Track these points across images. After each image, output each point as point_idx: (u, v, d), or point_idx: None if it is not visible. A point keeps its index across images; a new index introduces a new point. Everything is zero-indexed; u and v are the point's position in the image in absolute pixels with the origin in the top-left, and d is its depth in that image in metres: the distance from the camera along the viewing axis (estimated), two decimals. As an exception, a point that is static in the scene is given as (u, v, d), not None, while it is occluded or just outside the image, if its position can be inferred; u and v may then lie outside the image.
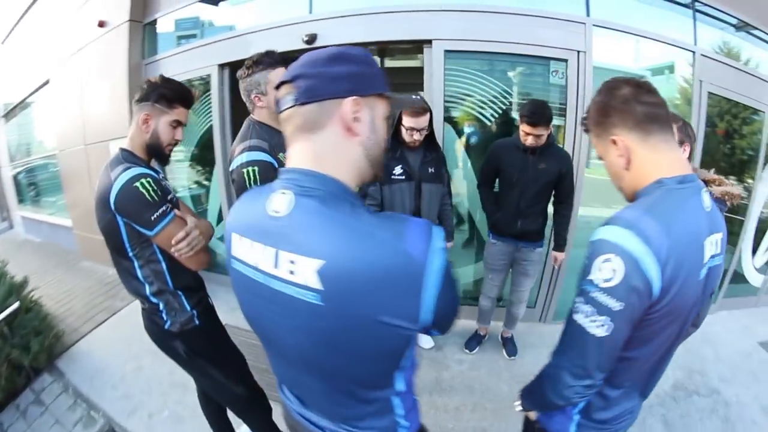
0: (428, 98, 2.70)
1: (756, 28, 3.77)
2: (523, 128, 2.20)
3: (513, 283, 2.65)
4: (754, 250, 4.10)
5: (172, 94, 1.40)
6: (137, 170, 1.26)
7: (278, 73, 1.65)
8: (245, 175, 1.37)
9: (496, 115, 3.01)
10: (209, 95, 3.55)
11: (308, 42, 2.85)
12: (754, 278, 4.12)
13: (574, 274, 0.87)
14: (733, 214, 3.72)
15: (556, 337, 0.89)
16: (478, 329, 2.94)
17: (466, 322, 3.04)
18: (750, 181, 3.87)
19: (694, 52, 3.40)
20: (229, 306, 1.65)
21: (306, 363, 0.72)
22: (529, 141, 2.21)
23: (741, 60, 3.76)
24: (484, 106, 2.95)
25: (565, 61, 2.88)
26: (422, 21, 2.66)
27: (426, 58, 2.69)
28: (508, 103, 2.98)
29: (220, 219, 3.82)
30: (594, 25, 2.91)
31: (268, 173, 1.38)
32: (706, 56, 3.42)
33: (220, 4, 3.70)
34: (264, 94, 1.56)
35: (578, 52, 2.87)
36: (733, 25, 3.77)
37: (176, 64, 3.71)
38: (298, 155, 0.69)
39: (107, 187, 1.24)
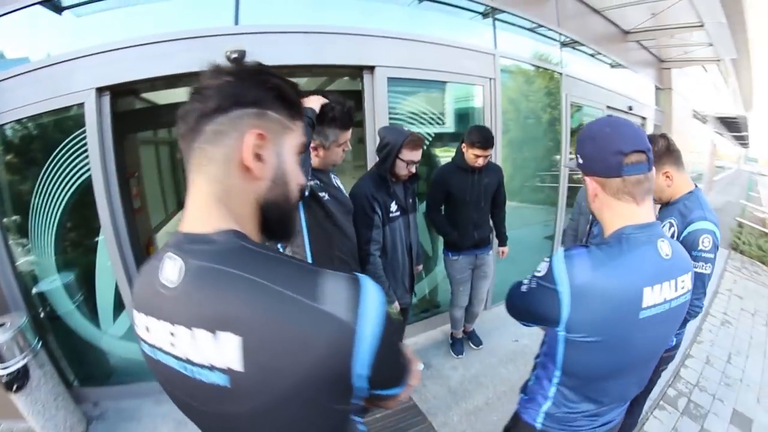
0: (373, 123, 2.71)
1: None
2: (474, 152, 2.41)
3: (474, 287, 2.94)
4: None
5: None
6: None
7: (347, 135, 1.69)
8: None
9: (432, 136, 3.23)
10: (80, 134, 2.34)
11: (234, 61, 2.43)
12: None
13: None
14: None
15: (503, 316, 1.21)
16: (455, 333, 3.19)
17: (433, 333, 3.41)
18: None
19: (561, 73, 4.16)
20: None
21: None
22: (479, 162, 2.45)
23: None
24: (421, 128, 3.10)
25: (482, 86, 3.24)
26: (364, 46, 2.59)
27: (367, 83, 2.66)
28: (442, 124, 3.23)
29: (118, 305, 2.65)
30: (501, 56, 3.35)
31: None
32: (569, 76, 4.23)
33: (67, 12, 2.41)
34: (325, 148, 1.64)
35: (490, 79, 3.26)
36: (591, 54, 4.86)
37: (15, 92, 2.26)
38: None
39: None
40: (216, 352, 0.51)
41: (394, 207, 2.11)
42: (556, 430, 1.08)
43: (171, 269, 0.55)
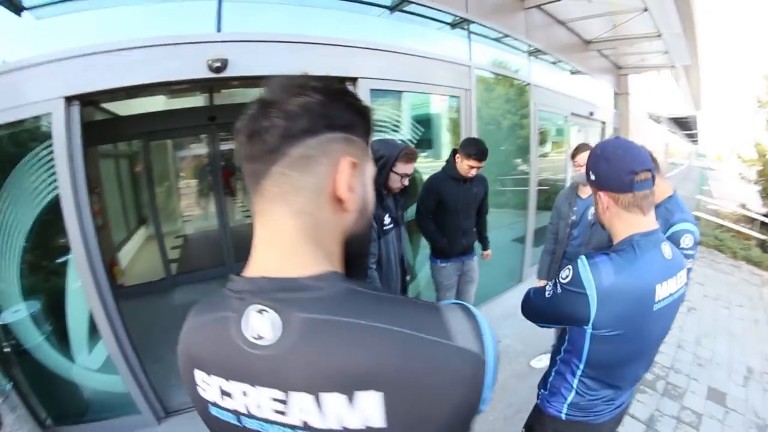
0: None
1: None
2: (470, 163, 2.50)
3: (460, 292, 3.02)
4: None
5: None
6: None
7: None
8: None
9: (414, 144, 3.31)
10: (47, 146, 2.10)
11: (217, 70, 2.28)
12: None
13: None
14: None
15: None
16: None
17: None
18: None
19: (529, 83, 4.35)
20: None
21: None
22: (473, 173, 2.55)
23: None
24: (402, 136, 3.17)
25: (458, 97, 3.34)
26: (347, 57, 2.62)
27: (350, 95, 2.70)
28: (421, 133, 3.30)
29: (92, 333, 2.35)
30: (476, 68, 3.46)
31: None
32: (536, 85, 4.44)
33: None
34: None
35: (466, 90, 3.36)
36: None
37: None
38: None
39: None
40: (351, 413, 0.44)
41: (387, 220, 2.10)
42: (579, 417, 1.20)
43: (261, 324, 0.47)
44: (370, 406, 0.44)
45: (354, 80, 2.66)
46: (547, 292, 1.15)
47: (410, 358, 0.44)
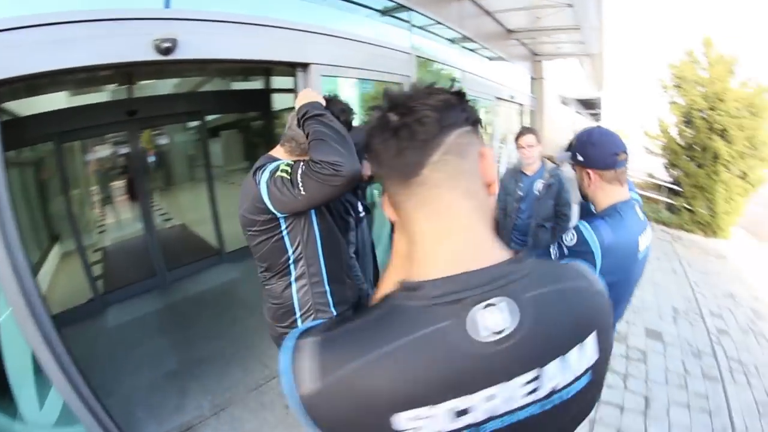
0: None
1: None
2: None
3: None
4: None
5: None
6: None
7: None
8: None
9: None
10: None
11: (166, 51, 2.04)
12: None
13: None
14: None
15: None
16: None
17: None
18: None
19: (462, 70, 4.65)
20: None
21: None
22: None
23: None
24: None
25: (400, 84, 3.50)
26: (300, 42, 2.62)
27: (300, 80, 2.72)
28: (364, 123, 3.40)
29: (40, 379, 1.83)
30: (416, 55, 3.65)
31: None
32: (466, 71, 4.75)
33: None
34: None
35: (408, 77, 3.54)
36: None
37: None
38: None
39: None
40: (581, 359, 0.51)
41: (360, 207, 2.08)
42: None
43: (495, 317, 0.47)
44: (591, 346, 0.52)
45: (306, 66, 2.69)
46: (552, 255, 1.37)
47: (599, 297, 0.56)
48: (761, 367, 3.37)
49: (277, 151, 1.54)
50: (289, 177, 1.23)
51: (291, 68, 2.71)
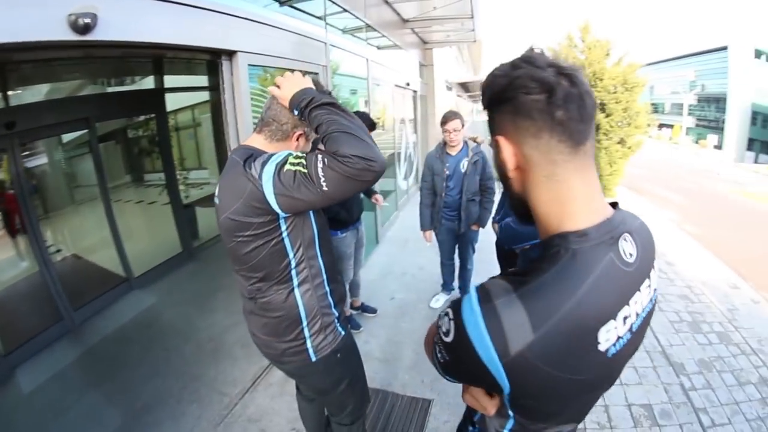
0: (233, 112, 2.61)
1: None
2: None
3: (355, 259, 3.28)
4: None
5: None
6: None
7: None
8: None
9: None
10: None
11: (84, 29, 1.66)
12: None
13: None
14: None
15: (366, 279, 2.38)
16: (346, 312, 3.52)
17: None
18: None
19: (367, 59, 4.75)
20: None
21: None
22: None
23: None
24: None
25: (317, 74, 3.47)
26: (229, 28, 2.37)
27: (225, 70, 2.52)
28: None
29: None
30: (331, 45, 3.66)
31: None
32: (371, 60, 4.86)
33: None
34: (308, 139, 1.40)
35: (323, 66, 3.53)
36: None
37: None
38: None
39: None
40: (655, 276, 0.71)
41: None
42: None
43: (629, 246, 0.64)
44: (656, 269, 0.72)
45: (232, 53, 2.50)
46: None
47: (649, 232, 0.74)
48: (667, 295, 4.10)
49: (255, 140, 1.35)
50: (306, 171, 1.07)
51: (215, 56, 2.49)
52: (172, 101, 4.95)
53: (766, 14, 29.10)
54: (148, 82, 4.58)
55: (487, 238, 3.41)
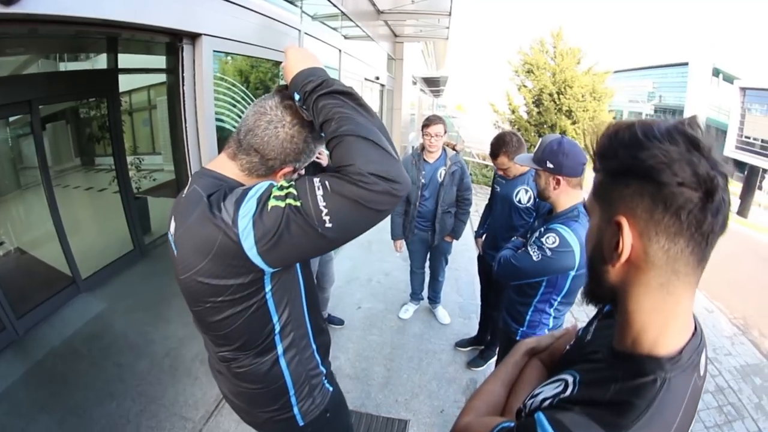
0: (193, 100, 2.36)
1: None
2: None
3: (322, 274, 3.06)
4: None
5: None
6: None
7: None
8: None
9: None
10: None
11: (6, 2, 1.32)
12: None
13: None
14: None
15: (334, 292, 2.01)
16: None
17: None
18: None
19: (341, 50, 4.55)
20: None
21: None
22: None
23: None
24: (244, 106, 2.87)
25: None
26: (188, 6, 2.10)
27: (187, 55, 2.26)
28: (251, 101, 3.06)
29: None
30: (305, 33, 3.46)
31: None
32: (344, 52, 4.67)
33: None
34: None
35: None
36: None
37: None
38: None
39: None
40: None
41: None
42: None
43: (704, 359, 0.60)
44: None
45: (194, 37, 2.25)
46: (534, 256, 1.51)
47: None
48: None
49: (226, 166, 0.98)
50: (299, 204, 0.76)
51: (176, 39, 2.22)
52: (126, 82, 4.54)
53: (726, 35, 31.72)
54: (101, 61, 4.15)
55: (459, 248, 3.32)
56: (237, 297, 0.89)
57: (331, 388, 1.23)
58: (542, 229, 1.60)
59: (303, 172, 1.08)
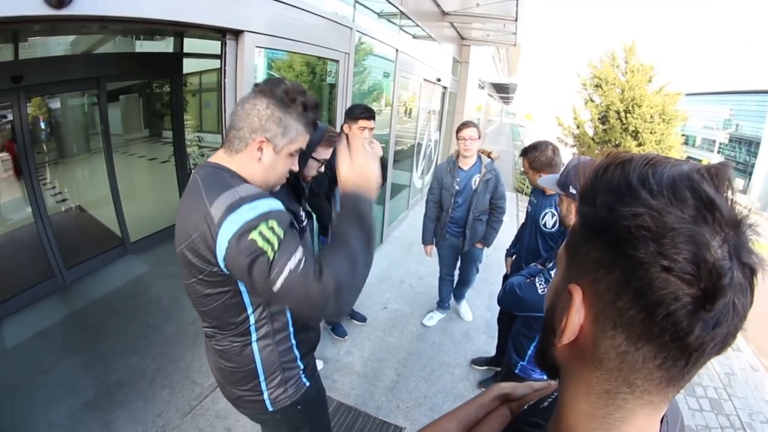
0: (234, 97, 2.44)
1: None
2: (362, 124, 2.57)
3: None
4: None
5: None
6: None
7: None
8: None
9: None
10: None
11: (57, 4, 1.49)
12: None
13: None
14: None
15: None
16: None
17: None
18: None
19: (397, 49, 4.52)
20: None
21: None
22: (366, 135, 2.58)
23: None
24: None
25: (338, 61, 3.27)
26: (230, 3, 2.19)
27: (229, 51, 2.36)
28: None
29: None
30: (357, 31, 3.41)
31: None
32: (401, 51, 4.61)
33: None
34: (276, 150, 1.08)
35: (346, 53, 3.32)
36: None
37: None
38: None
39: None
40: None
41: (303, 214, 1.76)
42: None
43: None
44: None
45: (236, 33, 2.33)
46: (539, 289, 1.40)
47: None
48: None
49: (219, 155, 1.11)
50: (270, 257, 0.87)
51: (219, 35, 2.32)
52: (194, 65, 4.86)
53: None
54: (167, 45, 4.46)
55: (491, 255, 3.21)
56: (212, 280, 1.01)
57: (308, 383, 1.31)
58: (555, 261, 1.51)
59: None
